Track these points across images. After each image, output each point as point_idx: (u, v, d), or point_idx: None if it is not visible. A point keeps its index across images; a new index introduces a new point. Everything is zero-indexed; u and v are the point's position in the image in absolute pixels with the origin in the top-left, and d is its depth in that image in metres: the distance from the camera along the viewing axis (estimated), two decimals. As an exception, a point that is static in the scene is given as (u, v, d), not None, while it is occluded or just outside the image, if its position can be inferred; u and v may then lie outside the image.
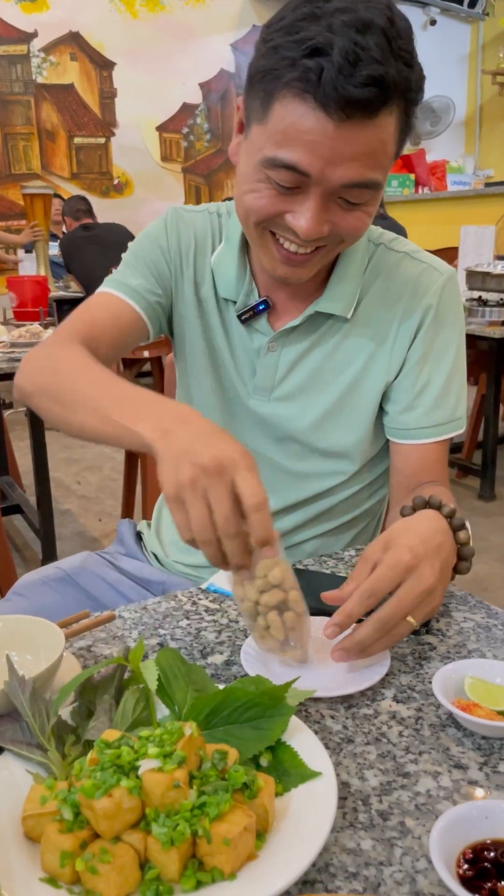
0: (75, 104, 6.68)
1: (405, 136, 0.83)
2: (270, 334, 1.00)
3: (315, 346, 1.00)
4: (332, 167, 0.78)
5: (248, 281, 1.00)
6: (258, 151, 0.81)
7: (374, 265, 1.00)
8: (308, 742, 0.61)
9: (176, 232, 1.04)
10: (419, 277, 0.99)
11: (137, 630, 0.83)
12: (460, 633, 0.81)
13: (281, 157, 0.78)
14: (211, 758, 0.55)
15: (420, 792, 0.59)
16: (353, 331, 1.00)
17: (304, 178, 0.79)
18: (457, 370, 1.02)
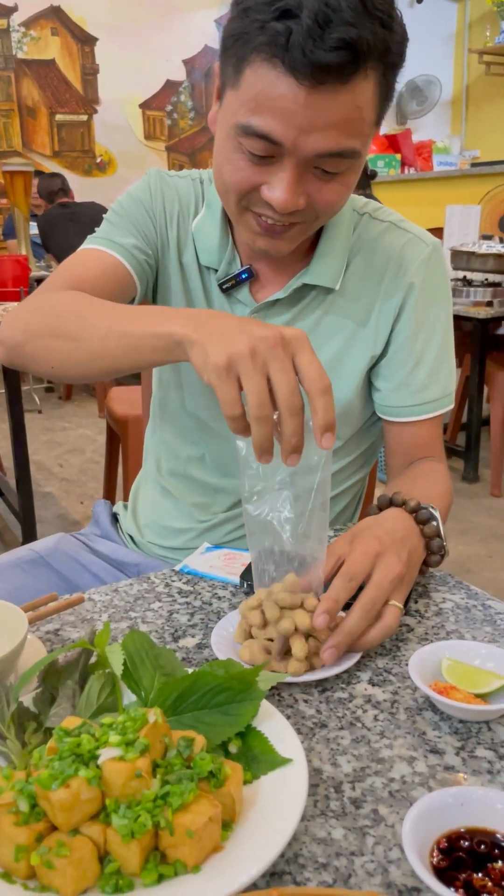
0: (57, 80, 6.56)
1: (386, 102, 0.80)
2: (253, 305, 0.97)
3: (298, 318, 0.97)
4: (305, 136, 0.74)
5: (231, 249, 0.97)
6: (232, 118, 0.78)
7: (360, 234, 0.98)
8: (279, 727, 0.59)
9: (160, 194, 1.00)
10: (404, 248, 0.97)
11: (107, 613, 0.80)
12: (439, 613, 0.79)
13: (253, 125, 0.75)
14: (176, 745, 0.53)
15: (394, 778, 0.57)
16: (338, 302, 0.97)
17: (277, 148, 0.76)
18: (447, 345, 1.00)
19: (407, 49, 0.78)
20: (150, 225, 0.99)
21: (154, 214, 0.99)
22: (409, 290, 0.96)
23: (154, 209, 0.99)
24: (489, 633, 0.75)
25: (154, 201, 1.00)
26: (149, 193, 1.00)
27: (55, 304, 0.84)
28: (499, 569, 2.65)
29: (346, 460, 1.05)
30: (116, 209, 1.01)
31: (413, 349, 0.98)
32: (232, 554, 0.92)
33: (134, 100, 6.75)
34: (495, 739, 0.61)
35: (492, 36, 6.91)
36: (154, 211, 0.99)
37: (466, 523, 3.01)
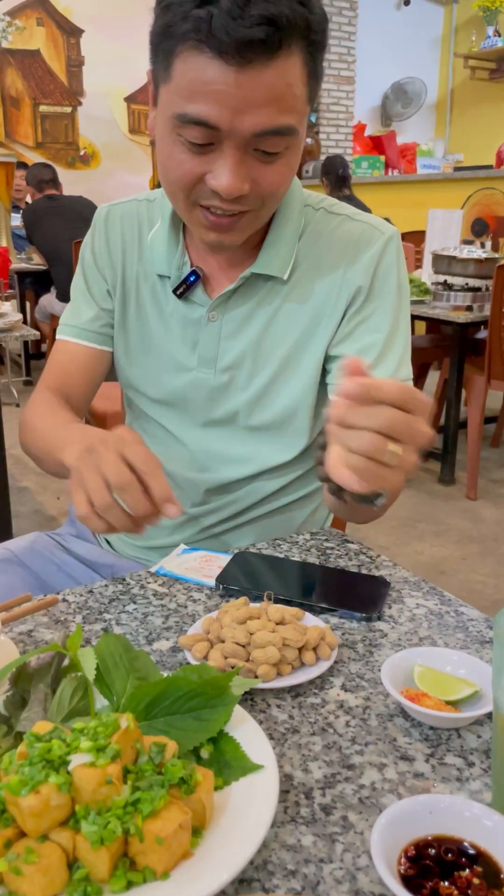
0: (41, 71, 6.52)
1: (316, 82, 0.81)
2: (208, 304, 0.98)
3: (255, 311, 0.98)
4: (240, 116, 0.75)
5: (181, 254, 0.98)
6: (167, 111, 0.79)
7: (314, 229, 0.98)
8: (252, 733, 0.59)
9: (104, 236, 1.06)
10: (359, 238, 0.97)
11: (81, 614, 0.80)
12: (412, 619, 0.80)
13: (188, 113, 0.76)
14: (148, 751, 0.53)
15: (364, 785, 0.57)
16: (293, 293, 0.97)
17: (215, 133, 0.77)
18: (399, 332, 0.98)
19: (328, 29, 0.80)
20: (99, 279, 1.06)
21: (101, 260, 1.06)
22: (366, 273, 0.95)
23: (100, 256, 1.06)
24: (461, 640, 0.76)
25: (97, 248, 1.06)
26: (91, 243, 1.07)
27: (35, 430, 1.01)
28: (472, 571, 2.67)
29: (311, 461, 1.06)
30: (77, 278, 1.10)
31: (363, 334, 0.97)
32: (208, 556, 0.92)
33: (119, 93, 6.73)
34: (465, 747, 0.61)
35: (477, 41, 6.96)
36: (100, 257, 1.06)
37: (441, 525, 3.03)
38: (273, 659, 0.67)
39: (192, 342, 1.00)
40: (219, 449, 1.03)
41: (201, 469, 1.04)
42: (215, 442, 1.03)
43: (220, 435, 1.03)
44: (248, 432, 1.02)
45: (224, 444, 1.03)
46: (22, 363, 5.12)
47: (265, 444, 1.02)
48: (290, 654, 0.68)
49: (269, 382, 0.99)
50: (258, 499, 1.05)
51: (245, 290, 0.97)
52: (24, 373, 5.11)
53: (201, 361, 1.00)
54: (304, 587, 0.84)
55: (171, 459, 1.07)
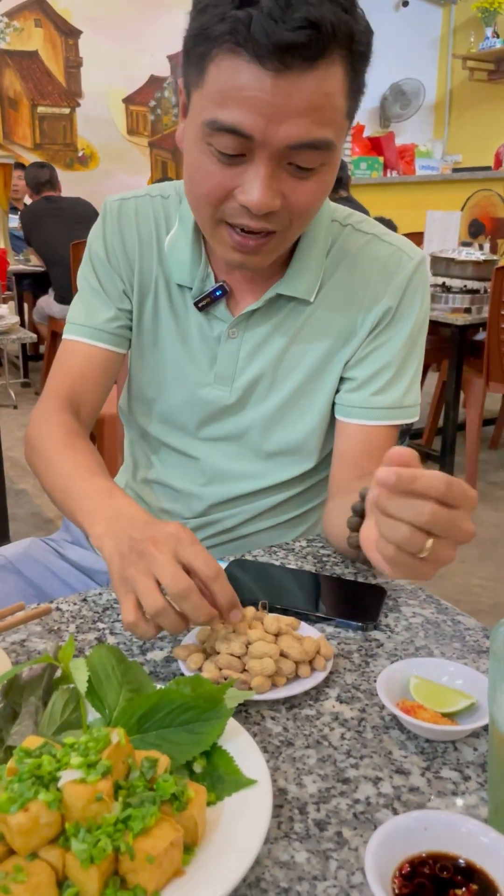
0: (39, 72, 6.50)
1: (357, 95, 0.78)
2: (230, 320, 0.96)
3: (276, 330, 0.96)
4: (275, 125, 0.72)
5: (204, 265, 0.95)
6: (198, 118, 0.76)
7: (341, 247, 0.96)
8: (245, 746, 0.58)
9: (117, 231, 0.99)
10: (388, 261, 0.95)
11: (75, 624, 0.79)
12: (409, 628, 0.79)
13: (220, 119, 0.73)
14: (140, 766, 0.52)
15: (359, 799, 0.56)
16: (317, 314, 0.96)
17: (247, 143, 0.74)
18: (412, 358, 0.98)
19: (373, 43, 0.77)
20: (114, 277, 1.00)
21: (116, 260, 1.00)
22: (392, 298, 0.94)
23: (115, 254, 1.00)
24: (458, 650, 0.75)
25: (112, 246, 1.00)
26: (103, 240, 1.00)
27: (41, 453, 0.94)
28: (470, 574, 2.66)
29: (318, 477, 1.05)
30: (84, 272, 1.02)
31: (378, 358, 0.96)
32: (203, 564, 0.91)
33: (117, 94, 6.71)
34: (461, 760, 0.61)
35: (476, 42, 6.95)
36: (116, 256, 1.00)
37: (440, 528, 3.02)
38: (269, 670, 0.66)
39: (209, 358, 0.98)
40: (226, 466, 1.02)
41: (206, 483, 1.04)
42: (222, 458, 1.02)
43: (227, 452, 1.02)
44: (256, 451, 1.01)
45: (231, 461, 1.02)
46: (20, 365, 5.11)
47: (273, 463, 1.01)
48: (286, 666, 0.67)
49: (283, 404, 0.98)
50: (258, 512, 1.04)
51: (268, 309, 0.95)
52: (21, 374, 5.10)
53: (218, 378, 0.98)
54: (299, 596, 0.83)
55: (175, 473, 1.06)
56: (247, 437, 1.00)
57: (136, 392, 1.06)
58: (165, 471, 1.07)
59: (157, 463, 1.08)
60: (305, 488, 1.04)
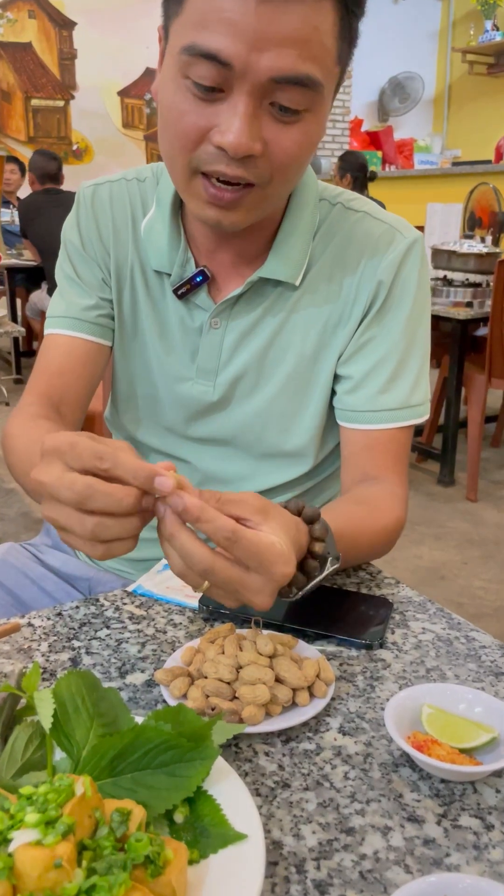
0: (33, 64, 6.42)
1: (349, 43, 0.71)
2: (212, 308, 0.88)
3: (262, 319, 0.88)
4: (257, 53, 0.64)
5: (183, 249, 0.87)
6: (176, 47, 0.68)
7: (329, 226, 0.88)
8: (235, 790, 0.51)
9: (92, 219, 0.93)
10: (379, 240, 0.86)
11: (48, 642, 0.71)
12: (418, 647, 0.71)
13: (198, 43, 0.65)
14: (109, 821, 0.44)
15: (366, 854, 0.49)
16: (303, 300, 0.87)
17: (226, 73, 0.66)
18: (415, 350, 0.88)
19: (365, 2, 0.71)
20: (92, 264, 0.93)
21: (92, 247, 0.93)
22: (379, 286, 0.86)
23: (91, 242, 0.93)
24: (473, 672, 0.68)
25: (87, 233, 0.93)
26: (77, 228, 0.94)
27: (12, 445, 0.88)
28: (473, 576, 2.59)
29: (323, 475, 0.98)
30: (61, 264, 0.96)
31: (374, 350, 0.87)
32: (192, 573, 0.83)
33: (112, 87, 6.63)
34: (482, 804, 0.53)
35: (475, 35, 6.88)
36: (91, 244, 0.93)
37: (441, 528, 2.95)
38: (262, 699, 0.58)
39: (190, 350, 0.91)
40: (218, 468, 0.95)
41: (198, 486, 0.96)
42: (214, 460, 0.95)
43: (218, 454, 0.95)
44: (249, 452, 0.94)
45: (223, 462, 0.95)
46: (12, 360, 5.03)
47: (267, 465, 0.94)
48: (283, 693, 0.59)
49: (272, 401, 0.90)
50: None
51: (252, 296, 0.87)
52: (14, 370, 5.01)
53: (200, 372, 0.91)
54: (297, 610, 0.75)
55: None
56: (238, 438, 0.93)
57: (119, 391, 0.99)
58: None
59: None
60: (304, 491, 0.96)
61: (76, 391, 0.93)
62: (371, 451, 0.88)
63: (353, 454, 0.89)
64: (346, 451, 0.91)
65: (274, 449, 0.92)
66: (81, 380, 0.93)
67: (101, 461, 0.54)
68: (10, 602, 0.97)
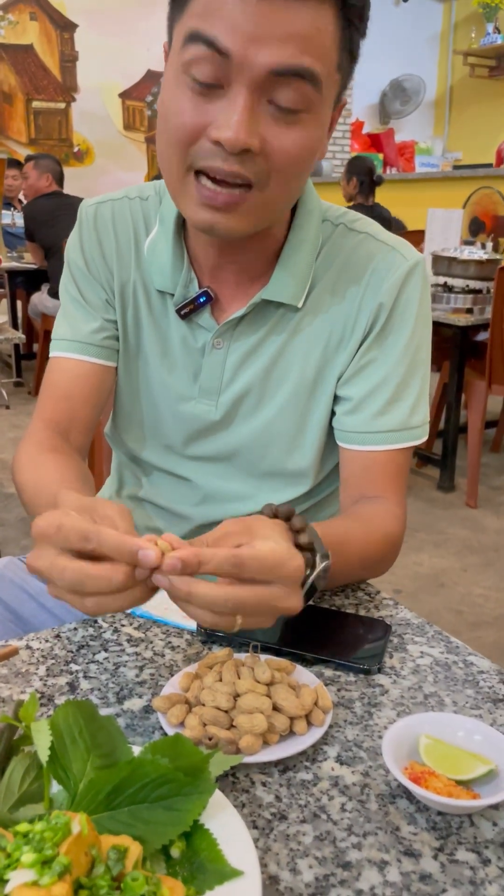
0: (34, 66, 6.42)
1: (349, 55, 0.72)
2: (214, 329, 0.88)
3: (265, 339, 0.88)
4: (256, 46, 0.65)
5: (187, 269, 0.87)
6: (177, 43, 0.70)
7: (332, 247, 0.88)
8: (231, 825, 0.50)
9: (94, 239, 0.93)
10: (380, 262, 0.86)
11: (46, 665, 0.71)
12: (416, 671, 0.71)
13: (198, 29, 0.67)
14: (105, 859, 0.44)
15: (363, 890, 0.49)
16: (305, 321, 0.87)
17: (225, 67, 0.66)
18: (415, 372, 0.88)
19: (369, 13, 0.71)
20: (95, 285, 0.93)
21: (96, 268, 0.93)
22: (384, 303, 0.86)
23: (94, 262, 0.93)
24: (471, 698, 0.68)
25: (90, 253, 0.93)
26: (80, 248, 0.93)
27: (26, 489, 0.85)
28: (473, 583, 2.59)
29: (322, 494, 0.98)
30: (64, 286, 0.96)
31: (374, 372, 0.87)
32: (190, 593, 0.83)
33: (113, 89, 6.63)
34: (479, 838, 0.53)
35: (477, 37, 6.88)
36: (95, 264, 0.93)
37: (441, 535, 2.95)
38: (259, 728, 0.58)
39: (193, 370, 0.91)
40: (218, 486, 0.95)
41: (198, 504, 0.96)
42: (214, 479, 0.95)
43: (218, 472, 0.95)
44: (249, 472, 0.94)
45: (224, 481, 0.95)
46: (13, 364, 5.03)
47: (267, 484, 0.94)
48: (280, 722, 0.59)
49: (273, 420, 0.90)
50: None
51: (254, 317, 0.87)
52: (14, 374, 5.01)
53: (202, 392, 0.91)
54: (295, 633, 0.75)
55: (166, 493, 1.00)
56: (238, 457, 0.93)
57: (121, 408, 0.99)
58: (155, 491, 1.00)
59: (146, 483, 1.01)
60: (303, 510, 0.96)
61: (83, 415, 0.93)
62: (368, 471, 0.88)
63: (352, 475, 0.89)
64: (344, 471, 0.91)
65: (275, 468, 0.92)
66: (88, 404, 0.93)
67: (86, 542, 0.54)
68: (9, 618, 0.97)
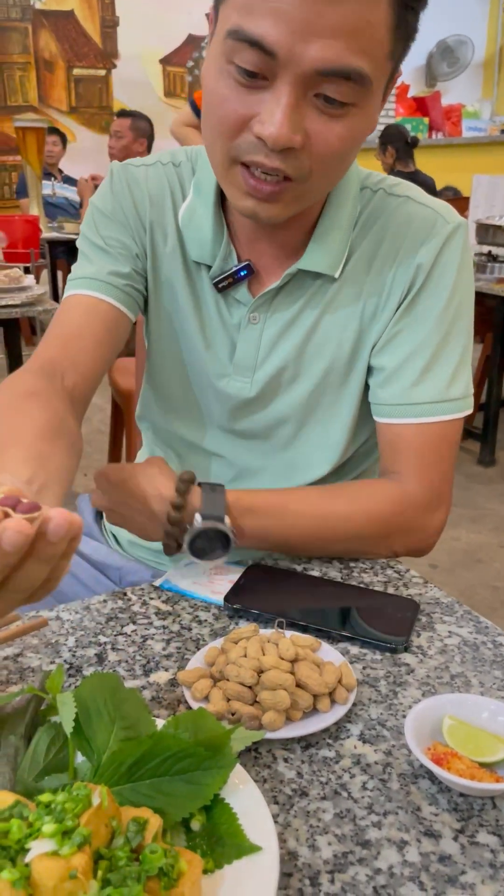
0: (75, 33, 6.36)
1: (404, 38, 0.68)
2: (250, 302, 0.86)
3: (301, 312, 0.86)
4: (303, 43, 0.62)
5: (227, 242, 0.85)
6: (221, 31, 0.67)
7: (370, 213, 0.85)
8: (251, 800, 0.51)
9: (128, 196, 0.89)
10: (419, 225, 0.83)
11: (75, 636, 0.72)
12: (443, 651, 0.71)
13: (244, 28, 0.64)
14: (125, 830, 0.45)
15: (381, 869, 0.49)
16: (343, 291, 0.85)
17: (270, 62, 0.64)
18: (453, 340, 0.84)
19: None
20: (124, 233, 0.89)
21: (126, 218, 0.89)
22: (417, 270, 0.83)
23: (125, 212, 0.89)
24: (499, 679, 0.67)
25: (121, 203, 0.89)
26: (111, 197, 0.89)
27: None
28: (511, 559, 2.56)
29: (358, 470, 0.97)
30: (87, 233, 0.90)
31: (406, 339, 0.84)
32: (220, 568, 0.84)
33: (154, 55, 6.55)
34: (500, 821, 0.53)
35: (529, -5, 6.60)
36: (125, 214, 0.89)
37: (479, 510, 2.91)
38: (282, 705, 0.58)
39: (229, 345, 0.89)
40: (249, 462, 0.94)
41: (229, 480, 0.95)
42: (246, 454, 0.94)
43: (250, 447, 0.94)
44: (282, 447, 0.93)
45: (255, 456, 0.94)
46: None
47: (300, 459, 0.93)
48: (303, 699, 0.59)
49: (309, 394, 0.88)
50: None
51: (291, 289, 0.85)
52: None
53: (237, 369, 0.89)
54: (321, 610, 0.75)
55: (196, 471, 1.00)
56: (273, 433, 0.92)
57: (152, 385, 0.99)
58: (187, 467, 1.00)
59: (179, 460, 1.00)
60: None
61: (92, 358, 0.85)
62: (391, 446, 0.86)
63: (381, 450, 0.88)
64: (380, 442, 0.89)
65: (309, 444, 0.91)
66: (98, 347, 0.85)
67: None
68: (42, 587, 0.99)
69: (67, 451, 0.68)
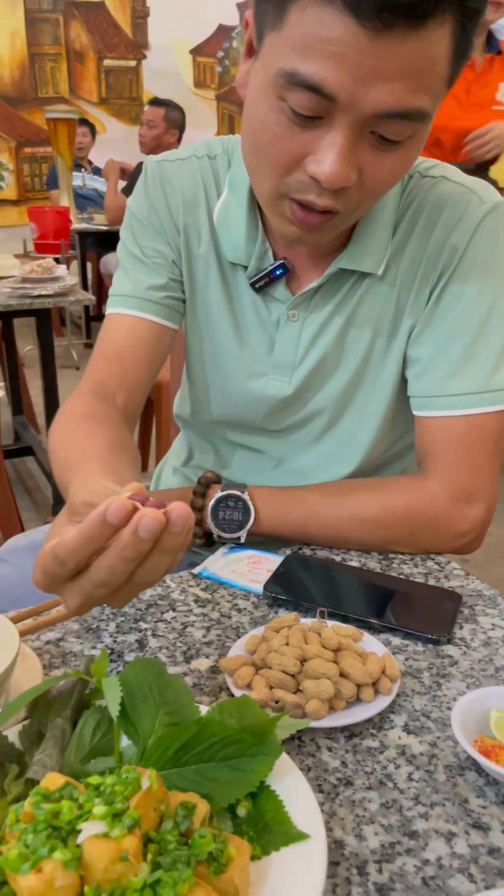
0: (106, 24, 6.37)
1: (461, 59, 0.65)
2: (289, 301, 0.85)
3: (339, 307, 0.85)
4: (365, 89, 0.60)
5: (262, 241, 0.84)
6: (272, 65, 0.63)
7: (406, 198, 0.83)
8: (297, 787, 0.51)
9: (162, 197, 0.88)
10: (454, 204, 0.80)
11: (115, 622, 0.72)
12: (487, 644, 0.70)
13: (301, 73, 0.60)
14: (174, 815, 0.45)
15: (429, 860, 0.48)
16: (377, 285, 0.84)
17: (328, 105, 0.61)
18: (495, 326, 0.81)
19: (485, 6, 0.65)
20: (162, 245, 0.90)
21: (163, 230, 0.89)
22: (452, 253, 0.80)
23: (161, 223, 0.89)
24: (544, 673, 0.66)
25: (158, 215, 0.89)
26: (146, 201, 0.89)
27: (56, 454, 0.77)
28: (543, 554, 2.53)
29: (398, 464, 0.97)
30: (126, 240, 0.92)
31: (443, 324, 0.81)
32: (258, 557, 0.84)
33: (184, 45, 6.53)
34: (550, 815, 0.52)
35: None
36: (161, 226, 0.89)
37: (511, 504, 2.88)
38: (326, 694, 0.58)
39: (267, 343, 0.89)
40: (288, 456, 0.94)
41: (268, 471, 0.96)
42: (284, 449, 0.94)
43: (289, 440, 0.94)
44: (318, 441, 0.92)
45: (293, 451, 0.94)
46: (83, 325, 5.10)
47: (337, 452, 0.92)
48: (347, 688, 0.59)
49: (346, 387, 0.88)
50: None
51: (330, 286, 0.84)
52: (84, 335, 5.09)
53: (276, 367, 0.89)
54: (362, 600, 0.74)
55: (235, 465, 1.00)
56: (310, 426, 0.92)
57: (191, 382, 0.98)
58: (225, 462, 1.00)
59: (217, 455, 1.00)
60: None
61: (135, 376, 0.89)
62: (424, 440, 0.85)
63: (416, 444, 0.87)
64: (416, 439, 0.88)
65: (346, 437, 0.91)
66: (141, 364, 0.89)
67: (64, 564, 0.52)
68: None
69: (131, 464, 0.72)
